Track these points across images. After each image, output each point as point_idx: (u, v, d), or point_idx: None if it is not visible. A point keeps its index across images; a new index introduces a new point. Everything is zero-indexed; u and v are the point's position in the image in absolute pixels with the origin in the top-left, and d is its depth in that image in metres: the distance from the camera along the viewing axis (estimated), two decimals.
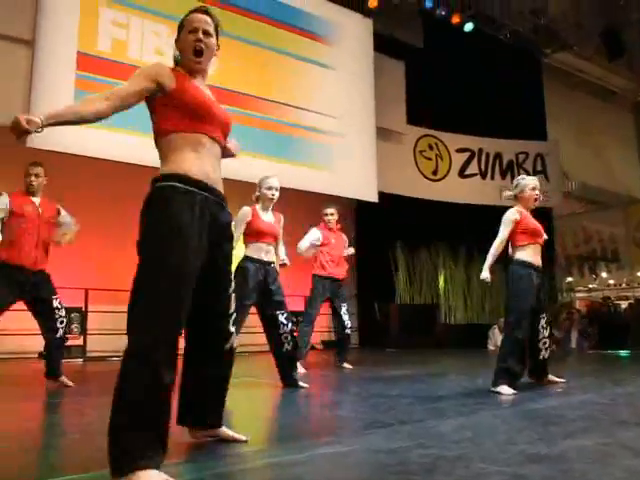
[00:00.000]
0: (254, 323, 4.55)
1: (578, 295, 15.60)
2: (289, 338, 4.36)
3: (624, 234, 16.84)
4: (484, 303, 11.13)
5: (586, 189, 14.82)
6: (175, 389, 2.02)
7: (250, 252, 4.52)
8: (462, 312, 11.03)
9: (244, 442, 2.38)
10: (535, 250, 4.32)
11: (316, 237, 6.07)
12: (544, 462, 2.05)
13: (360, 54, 10.32)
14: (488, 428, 2.74)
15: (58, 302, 4.49)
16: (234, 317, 2.35)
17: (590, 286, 17.12)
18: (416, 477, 1.88)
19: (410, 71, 11.25)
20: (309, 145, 9.34)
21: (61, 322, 4.48)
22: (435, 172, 11.85)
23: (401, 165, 11.17)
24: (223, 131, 2.30)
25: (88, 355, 7.57)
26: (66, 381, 4.53)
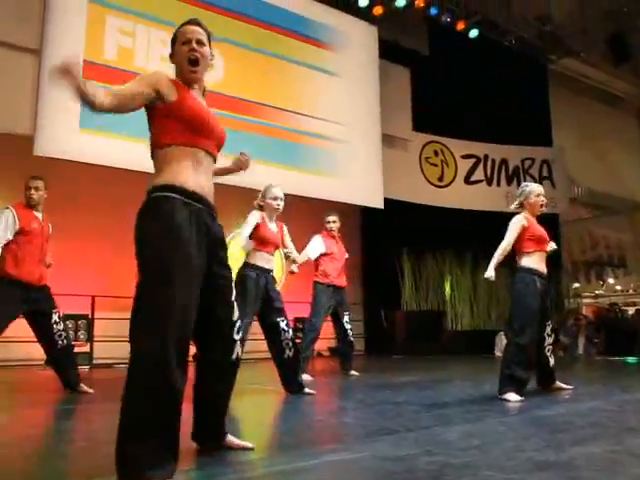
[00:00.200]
0: (257, 330, 4.54)
1: (585, 301, 15.51)
2: (290, 345, 4.35)
3: (631, 240, 16.77)
4: (490, 309, 11.09)
5: (592, 195, 14.77)
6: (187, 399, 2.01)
7: (252, 260, 4.48)
8: (468, 318, 10.99)
9: (250, 450, 2.38)
10: (540, 257, 4.33)
11: (321, 245, 6.07)
12: (552, 469, 2.04)
13: (366, 61, 10.33)
14: (495, 435, 2.72)
15: (57, 316, 4.50)
16: (238, 325, 2.35)
17: (597, 292, 17.03)
18: None
19: (415, 78, 11.26)
20: (314, 152, 9.34)
21: (59, 335, 4.50)
22: (441, 178, 11.83)
23: (407, 172, 11.15)
24: (218, 145, 2.34)
25: (95, 362, 7.58)
26: (85, 388, 4.55)
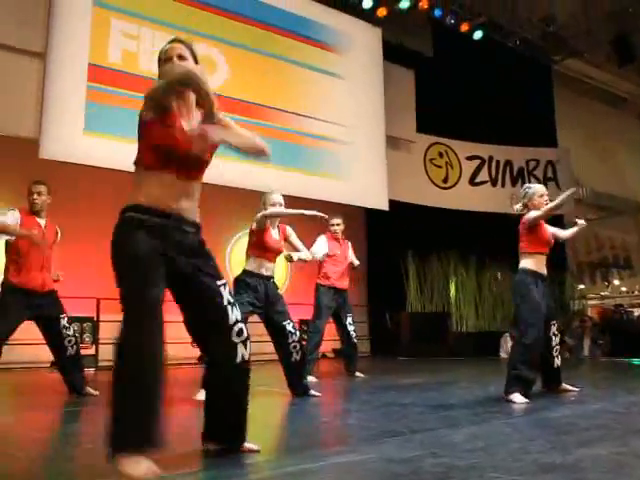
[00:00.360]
0: (263, 332, 4.54)
1: (590, 303, 15.45)
2: (297, 347, 4.35)
3: (636, 241, 16.71)
4: (495, 311, 11.05)
5: (597, 196, 14.74)
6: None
7: (250, 267, 4.46)
8: (473, 320, 10.96)
9: (257, 452, 2.39)
10: (542, 260, 4.37)
11: (325, 245, 6.07)
12: (558, 471, 2.04)
13: (370, 63, 10.33)
14: (501, 437, 2.72)
15: (66, 321, 4.49)
16: (238, 328, 2.37)
17: (602, 293, 16.96)
18: None
19: (419, 79, 11.24)
20: (319, 154, 9.34)
21: (69, 341, 4.49)
22: (445, 180, 11.82)
23: (411, 173, 11.14)
24: (200, 167, 2.37)
25: (100, 364, 7.59)
26: (91, 391, 4.56)
